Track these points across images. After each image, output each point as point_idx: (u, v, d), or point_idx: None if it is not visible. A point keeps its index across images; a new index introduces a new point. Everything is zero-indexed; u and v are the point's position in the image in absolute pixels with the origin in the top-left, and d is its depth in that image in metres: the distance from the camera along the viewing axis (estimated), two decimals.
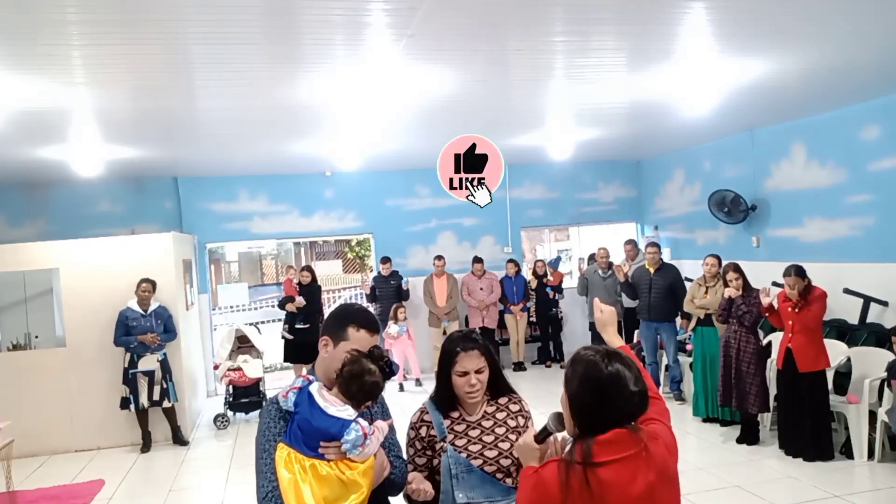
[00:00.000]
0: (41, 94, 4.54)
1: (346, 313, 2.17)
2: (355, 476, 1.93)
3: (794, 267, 5.32)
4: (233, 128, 6.20)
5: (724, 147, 8.48)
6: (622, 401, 1.65)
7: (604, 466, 1.60)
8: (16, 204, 8.63)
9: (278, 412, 2.01)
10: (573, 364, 1.73)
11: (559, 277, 9.82)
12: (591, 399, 1.66)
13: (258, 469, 1.98)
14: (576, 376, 1.70)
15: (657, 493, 1.64)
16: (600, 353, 1.71)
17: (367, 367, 1.98)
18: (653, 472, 1.64)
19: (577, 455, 1.63)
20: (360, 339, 2.09)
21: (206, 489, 5.74)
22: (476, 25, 3.80)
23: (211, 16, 3.39)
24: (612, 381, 1.65)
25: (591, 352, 1.73)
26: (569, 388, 1.72)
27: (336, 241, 22.94)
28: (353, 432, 1.92)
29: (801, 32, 4.25)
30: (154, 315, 6.74)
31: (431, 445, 2.31)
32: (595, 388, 1.66)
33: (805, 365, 5.22)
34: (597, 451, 1.61)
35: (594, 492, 1.58)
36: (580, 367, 1.70)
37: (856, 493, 4.69)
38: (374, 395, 2.00)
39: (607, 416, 1.64)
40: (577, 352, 1.77)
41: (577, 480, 1.59)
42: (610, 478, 1.59)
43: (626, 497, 1.60)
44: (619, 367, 1.66)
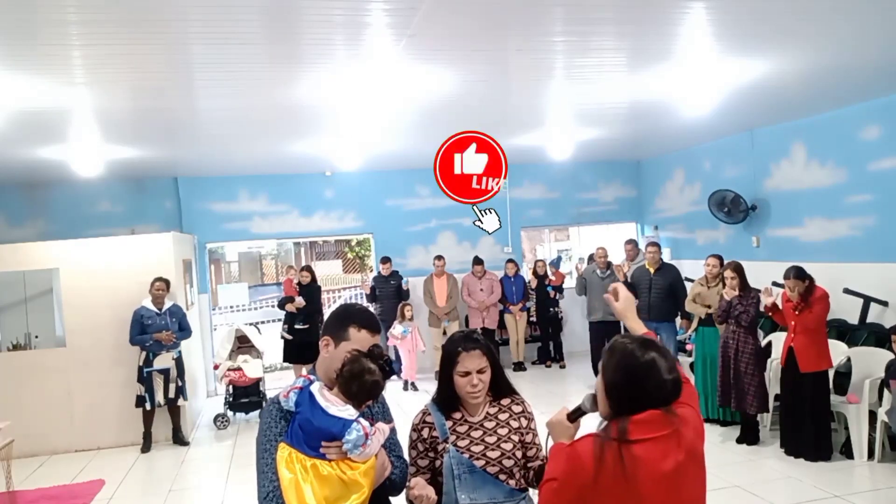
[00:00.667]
0: (41, 94, 4.54)
1: (348, 313, 2.17)
2: (356, 476, 1.93)
3: (794, 269, 5.32)
4: (233, 128, 6.20)
5: (724, 147, 8.48)
6: (655, 388, 1.72)
7: (637, 444, 1.68)
8: (16, 204, 8.63)
9: (279, 412, 2.01)
10: (611, 352, 1.81)
11: (561, 277, 9.81)
12: (626, 385, 1.74)
13: (259, 469, 1.98)
14: (612, 364, 1.78)
15: (685, 472, 1.72)
16: (636, 342, 1.80)
17: (367, 366, 1.98)
18: (682, 453, 1.72)
19: (612, 432, 1.71)
20: (361, 339, 2.09)
21: (206, 489, 5.74)
22: (476, 25, 3.80)
23: (211, 16, 3.40)
24: (647, 369, 1.73)
25: (627, 340, 1.81)
26: (605, 375, 1.79)
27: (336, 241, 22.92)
28: (354, 432, 1.92)
29: (801, 32, 4.25)
30: (169, 313, 6.77)
31: (434, 446, 2.31)
32: (631, 375, 1.74)
33: (806, 365, 5.22)
34: (632, 429, 1.69)
35: (626, 467, 1.66)
36: (617, 355, 1.78)
37: (856, 493, 4.69)
38: (375, 394, 2.01)
39: (641, 402, 1.72)
40: (615, 340, 1.85)
41: (611, 455, 1.68)
42: (642, 455, 1.67)
43: (656, 474, 1.68)
44: (655, 355, 1.75)
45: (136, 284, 6.85)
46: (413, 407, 3.97)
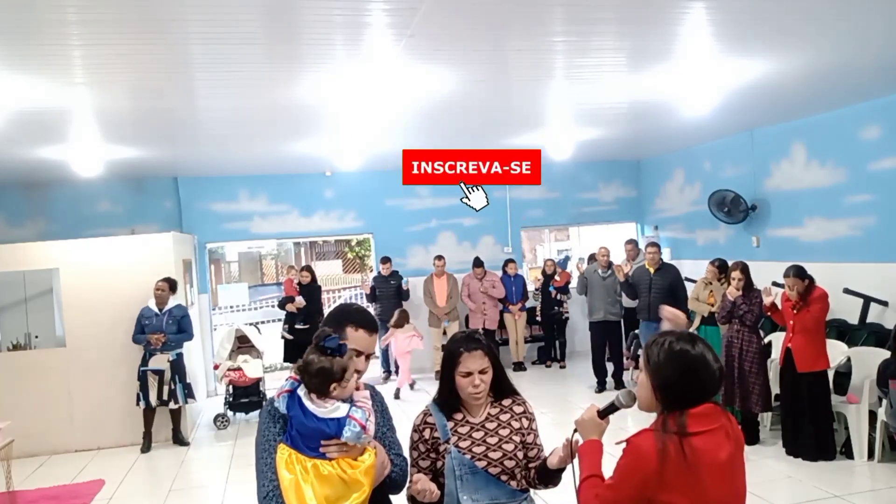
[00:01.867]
0: (41, 94, 4.54)
1: (345, 313, 2.17)
2: (357, 475, 1.93)
3: (794, 268, 5.32)
4: (233, 128, 6.20)
5: (724, 147, 8.48)
6: (708, 378, 1.83)
7: (696, 436, 1.78)
8: (16, 204, 8.63)
9: (277, 412, 2.01)
10: (657, 347, 1.88)
11: (566, 278, 9.82)
12: (681, 378, 1.82)
13: (258, 469, 1.98)
14: (663, 358, 1.85)
15: (736, 460, 1.87)
16: (683, 337, 1.89)
17: (308, 359, 1.96)
18: (732, 443, 1.86)
19: (671, 426, 1.79)
20: (358, 338, 2.10)
21: (206, 489, 5.74)
22: (476, 25, 3.80)
23: (211, 16, 3.40)
24: (701, 361, 1.83)
25: (672, 336, 1.89)
26: (655, 370, 1.86)
27: (336, 241, 22.93)
28: (349, 430, 1.92)
29: (801, 32, 4.25)
30: (167, 314, 6.75)
31: (435, 447, 2.31)
32: (684, 367, 1.83)
33: (803, 365, 5.22)
34: (690, 422, 1.79)
35: (689, 458, 1.75)
36: (667, 350, 1.86)
37: (856, 493, 4.69)
38: (329, 375, 1.94)
39: (696, 393, 1.82)
40: (658, 336, 1.92)
41: (673, 448, 1.76)
42: (701, 446, 1.78)
43: (716, 463, 1.79)
44: (703, 347, 1.85)
45: (136, 284, 6.85)
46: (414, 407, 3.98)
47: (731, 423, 1.89)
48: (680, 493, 1.76)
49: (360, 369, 2.11)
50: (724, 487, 1.82)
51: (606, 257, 8.44)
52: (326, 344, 1.96)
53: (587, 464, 1.98)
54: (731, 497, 1.87)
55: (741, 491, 1.90)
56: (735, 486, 1.87)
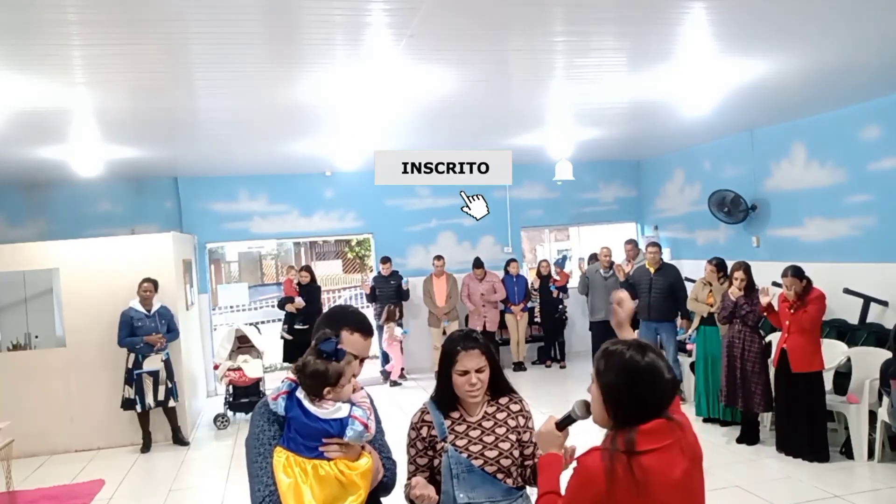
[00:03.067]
0: (41, 94, 4.54)
1: (340, 316, 2.16)
2: (354, 477, 1.93)
3: (792, 268, 5.32)
4: (233, 128, 6.20)
5: (724, 147, 8.48)
6: (660, 390, 1.71)
7: (646, 455, 1.66)
8: (16, 204, 8.63)
9: (272, 415, 1.99)
10: (607, 357, 1.77)
11: (565, 278, 9.82)
12: (629, 390, 1.70)
13: (252, 473, 1.94)
14: (612, 368, 1.74)
15: (692, 478, 1.73)
16: (633, 345, 1.76)
17: (305, 360, 1.97)
18: (687, 459, 1.72)
19: (619, 444, 1.68)
20: (353, 342, 2.09)
21: (206, 489, 5.74)
22: (476, 25, 3.80)
23: (211, 16, 3.40)
24: (650, 371, 1.70)
25: (623, 345, 1.77)
26: (604, 381, 1.75)
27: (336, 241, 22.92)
28: (352, 430, 1.93)
29: (801, 32, 4.25)
30: (158, 315, 6.74)
31: (432, 445, 2.31)
32: (634, 378, 1.70)
33: (798, 366, 5.22)
34: (640, 440, 1.67)
35: (638, 479, 1.63)
36: (616, 360, 1.74)
37: (856, 493, 4.69)
38: (323, 379, 1.95)
39: (647, 406, 1.70)
40: (607, 345, 1.81)
41: (621, 468, 1.65)
42: (652, 465, 1.65)
43: (667, 483, 1.67)
44: (654, 356, 1.73)
45: (135, 284, 6.83)
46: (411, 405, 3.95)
47: (685, 437, 1.76)
48: None
49: (355, 372, 2.09)
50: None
51: (608, 257, 8.44)
52: (323, 347, 1.96)
53: (544, 479, 1.88)
54: None
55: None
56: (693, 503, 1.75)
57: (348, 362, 1.99)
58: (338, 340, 2.00)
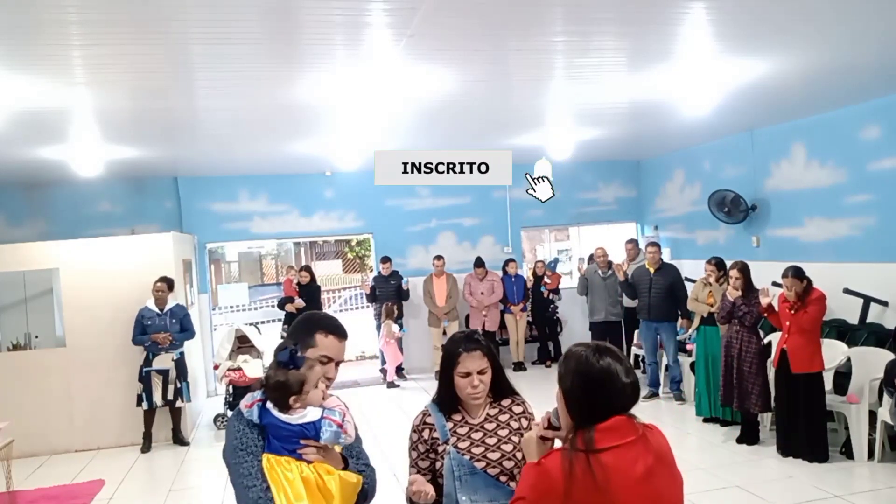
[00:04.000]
0: (41, 94, 4.54)
1: (313, 320, 2.15)
2: (330, 484, 1.90)
3: (792, 268, 5.32)
4: (233, 128, 6.20)
5: (724, 147, 8.48)
6: (615, 393, 1.70)
7: (605, 452, 1.65)
8: (16, 204, 8.63)
9: (248, 421, 1.97)
10: (565, 360, 1.79)
11: (556, 280, 9.81)
12: (584, 393, 1.71)
13: (236, 482, 1.90)
14: (568, 372, 1.75)
15: (656, 475, 1.69)
16: (591, 347, 1.77)
17: (266, 375, 1.97)
18: (651, 457, 1.70)
19: (578, 443, 1.67)
20: (328, 345, 2.07)
21: (206, 489, 5.74)
22: (476, 25, 3.80)
23: (211, 16, 3.40)
24: (604, 375, 1.70)
25: (581, 347, 1.78)
26: (563, 384, 1.76)
27: (336, 241, 22.92)
28: (327, 431, 1.91)
29: (801, 33, 4.25)
30: (170, 314, 6.76)
31: (434, 448, 2.30)
32: (587, 381, 1.71)
33: (798, 366, 5.21)
34: (598, 438, 1.66)
35: (597, 476, 1.62)
36: (572, 363, 1.76)
37: (856, 493, 4.69)
38: (286, 389, 1.93)
39: (601, 409, 1.69)
40: (570, 348, 1.82)
41: (580, 467, 1.63)
42: (612, 463, 1.64)
43: (628, 480, 1.65)
44: (610, 360, 1.72)
45: (136, 284, 6.85)
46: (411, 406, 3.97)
47: (652, 435, 1.74)
48: None
49: (330, 376, 2.07)
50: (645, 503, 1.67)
51: (604, 258, 8.44)
52: (279, 358, 1.95)
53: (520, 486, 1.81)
54: None
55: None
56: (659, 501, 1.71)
57: (310, 367, 1.95)
58: (295, 349, 1.97)
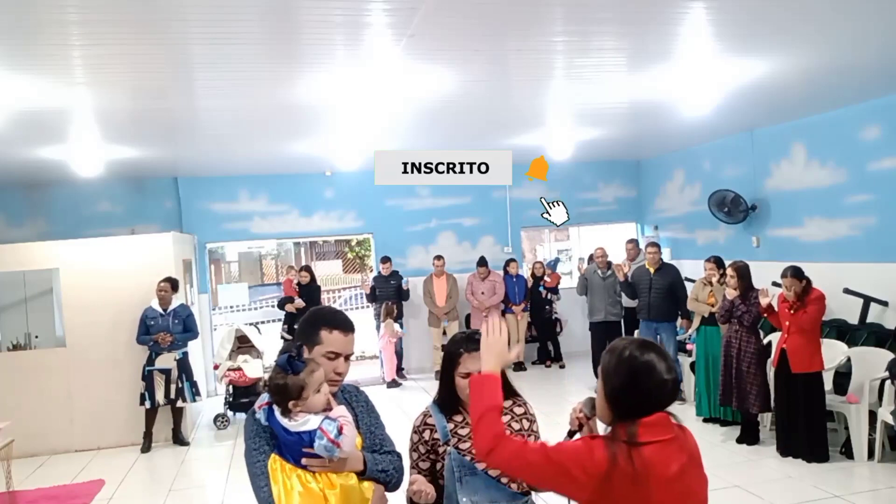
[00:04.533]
0: (41, 94, 4.54)
1: (318, 316, 2.12)
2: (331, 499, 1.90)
3: (792, 268, 5.32)
4: (233, 128, 6.20)
5: (724, 147, 8.48)
6: (656, 388, 1.73)
7: (646, 446, 1.69)
8: (16, 204, 8.63)
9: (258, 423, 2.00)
10: (610, 354, 1.81)
11: (556, 280, 9.81)
12: (626, 387, 1.74)
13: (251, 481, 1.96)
14: (612, 366, 1.78)
15: (689, 474, 1.74)
16: (635, 343, 1.80)
17: (269, 377, 1.97)
18: (685, 456, 1.75)
19: (621, 435, 1.71)
20: (333, 340, 2.05)
21: (206, 489, 5.74)
22: (476, 25, 3.80)
23: (211, 16, 3.40)
24: (647, 369, 1.73)
25: (625, 342, 1.81)
26: (606, 378, 1.79)
27: (336, 241, 22.93)
28: (319, 444, 1.89)
29: (801, 32, 4.25)
30: (173, 314, 6.77)
31: (435, 449, 2.30)
32: (631, 375, 1.74)
33: (798, 366, 5.22)
34: (641, 432, 1.70)
35: (637, 469, 1.66)
36: (616, 357, 1.78)
37: (856, 493, 4.69)
38: (285, 393, 1.93)
39: (643, 403, 1.73)
40: (614, 343, 1.84)
41: (622, 457, 1.67)
42: (651, 457, 1.68)
43: (665, 476, 1.68)
44: (654, 355, 1.75)
45: (136, 284, 6.85)
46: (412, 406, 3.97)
47: (685, 435, 1.80)
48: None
49: (340, 371, 2.06)
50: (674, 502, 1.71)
51: (603, 258, 8.44)
52: (277, 361, 1.95)
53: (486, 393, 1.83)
54: None
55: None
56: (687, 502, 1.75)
57: (310, 372, 1.93)
58: (295, 353, 1.96)
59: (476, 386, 1.88)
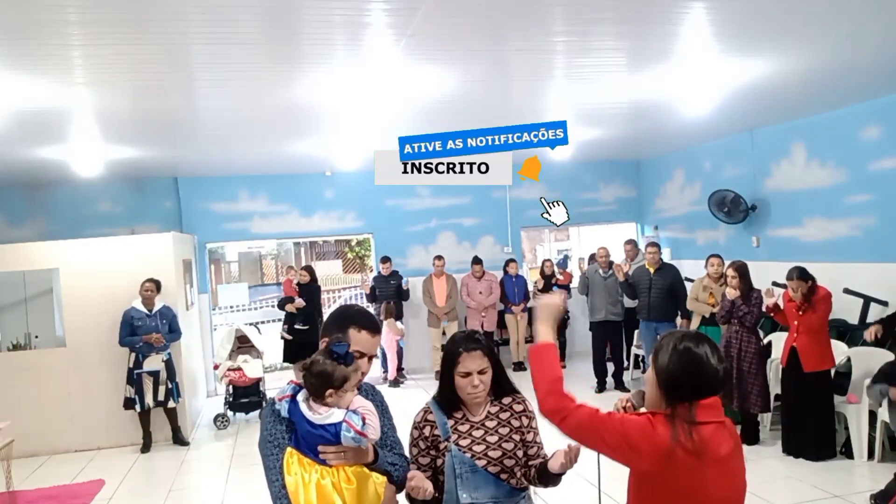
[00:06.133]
0: (41, 94, 4.54)
1: (347, 315, 2.17)
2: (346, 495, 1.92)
3: (797, 270, 5.31)
4: (233, 128, 6.20)
5: (724, 147, 8.48)
6: (710, 376, 1.86)
7: (704, 426, 1.82)
8: (16, 204, 8.63)
9: (278, 414, 2.02)
10: (665, 343, 1.93)
11: (568, 277, 9.82)
12: (683, 373, 1.86)
13: (265, 473, 1.99)
14: (668, 355, 1.90)
15: (736, 458, 1.90)
16: (689, 335, 1.93)
17: (314, 359, 2.00)
18: (734, 441, 1.90)
19: (681, 413, 1.83)
20: (361, 340, 2.10)
21: (206, 489, 5.74)
22: (476, 25, 3.80)
23: (211, 16, 3.40)
24: (702, 358, 1.87)
25: (678, 335, 1.94)
26: (660, 366, 1.91)
27: (336, 241, 22.92)
28: (346, 436, 1.93)
29: (801, 33, 4.25)
30: (159, 315, 6.73)
31: (435, 445, 2.31)
32: (688, 363, 1.86)
33: (810, 365, 5.22)
34: (699, 413, 1.83)
35: (696, 444, 1.79)
36: (671, 349, 1.90)
37: (856, 493, 4.69)
38: (327, 380, 1.97)
39: (699, 389, 1.85)
40: (667, 334, 1.98)
41: (683, 433, 1.80)
42: (708, 436, 1.82)
43: (718, 455, 1.83)
44: (707, 346, 1.89)
45: (136, 284, 6.83)
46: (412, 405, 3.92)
47: (729, 421, 1.93)
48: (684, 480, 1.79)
49: (364, 371, 2.11)
50: (724, 482, 1.85)
51: (606, 257, 8.44)
52: (335, 349, 1.98)
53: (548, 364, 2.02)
54: (731, 494, 1.88)
55: (740, 492, 1.91)
56: (734, 484, 1.89)
57: (355, 370, 2.01)
58: (349, 346, 2.02)
59: (536, 357, 2.04)
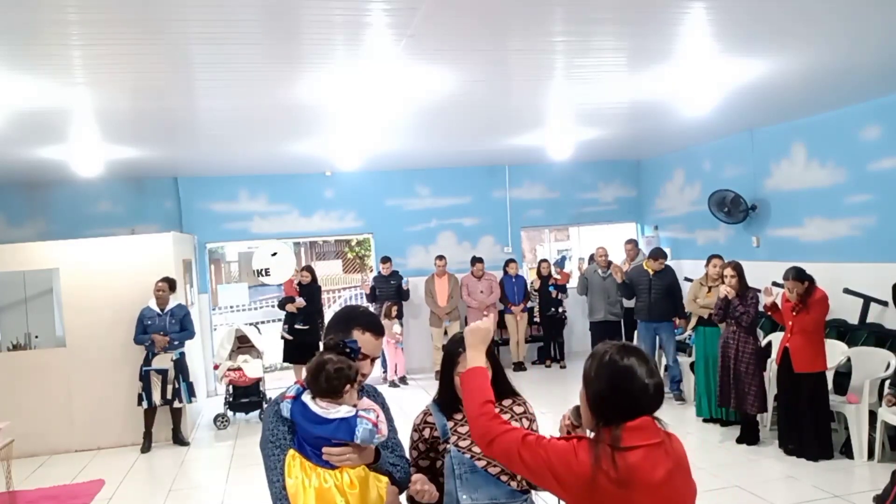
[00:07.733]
0: (41, 94, 4.54)
1: (351, 316, 2.17)
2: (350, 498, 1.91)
3: (793, 270, 5.32)
4: (233, 128, 6.20)
5: (724, 147, 8.48)
6: (638, 392, 1.70)
7: (630, 451, 1.66)
8: (16, 204, 8.62)
9: (280, 414, 2.01)
10: (591, 359, 1.80)
11: (566, 277, 9.83)
12: (607, 392, 1.72)
13: (266, 473, 1.99)
14: (593, 370, 1.77)
15: (675, 481, 1.71)
16: (616, 347, 1.77)
17: (325, 357, 1.98)
18: (671, 461, 1.71)
19: (605, 439, 1.68)
20: (365, 341, 2.10)
21: (206, 489, 5.74)
22: (476, 25, 3.80)
23: (211, 16, 3.40)
24: (627, 373, 1.70)
25: (606, 347, 1.79)
26: (587, 383, 1.78)
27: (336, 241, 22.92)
28: (362, 429, 1.93)
29: (801, 33, 4.25)
30: (170, 314, 6.77)
31: (435, 447, 2.31)
32: (611, 379, 1.72)
33: (801, 366, 5.22)
34: (625, 436, 1.67)
35: (620, 473, 1.64)
36: (596, 362, 1.77)
37: (856, 493, 4.69)
38: (344, 376, 1.96)
39: (625, 408, 1.70)
40: (596, 347, 1.83)
41: (605, 461, 1.65)
42: (635, 462, 1.65)
43: (649, 481, 1.66)
44: (634, 359, 1.72)
45: (136, 284, 6.85)
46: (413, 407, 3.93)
47: (672, 441, 1.77)
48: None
49: (365, 372, 2.11)
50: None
51: (605, 257, 8.44)
52: (350, 344, 1.98)
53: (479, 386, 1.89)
54: None
55: None
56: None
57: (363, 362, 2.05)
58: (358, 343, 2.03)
59: (466, 381, 1.92)
